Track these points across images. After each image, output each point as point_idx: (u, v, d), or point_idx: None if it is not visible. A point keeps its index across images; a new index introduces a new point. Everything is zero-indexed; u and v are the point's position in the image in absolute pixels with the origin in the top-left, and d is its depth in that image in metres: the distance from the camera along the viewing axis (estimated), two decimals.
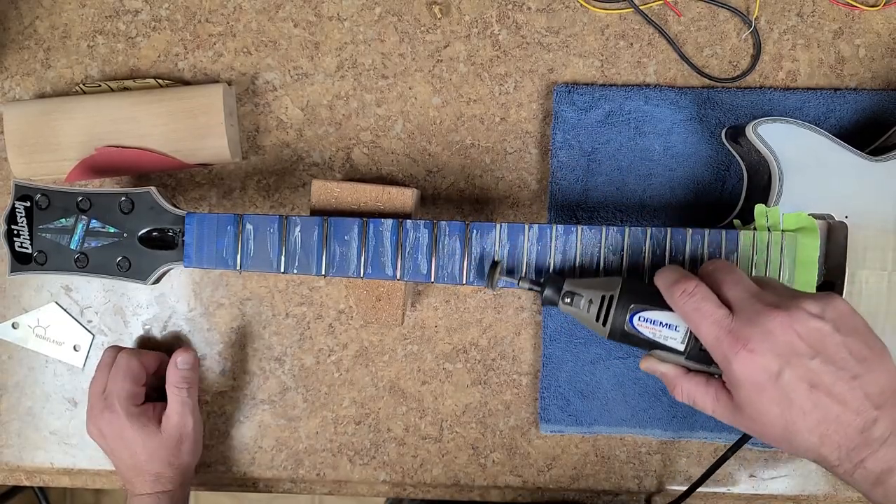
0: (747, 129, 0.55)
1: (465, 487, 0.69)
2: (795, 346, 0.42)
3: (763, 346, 0.42)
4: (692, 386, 0.48)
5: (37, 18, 0.67)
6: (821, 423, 0.42)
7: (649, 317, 0.48)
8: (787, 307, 0.43)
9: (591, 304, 0.49)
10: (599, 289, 0.50)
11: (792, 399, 0.42)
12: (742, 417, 0.45)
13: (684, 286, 0.46)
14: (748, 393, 0.43)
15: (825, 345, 0.42)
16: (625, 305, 0.48)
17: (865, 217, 0.55)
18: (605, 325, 0.49)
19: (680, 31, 0.65)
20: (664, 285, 0.47)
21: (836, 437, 0.42)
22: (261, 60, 0.66)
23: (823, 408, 0.42)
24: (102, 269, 0.56)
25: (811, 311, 0.43)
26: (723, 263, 0.48)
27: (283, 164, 0.67)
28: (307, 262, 0.55)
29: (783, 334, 0.42)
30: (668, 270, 0.48)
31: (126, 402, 0.61)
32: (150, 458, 0.61)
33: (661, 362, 0.49)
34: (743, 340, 0.43)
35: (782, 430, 0.43)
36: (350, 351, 0.68)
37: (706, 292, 0.45)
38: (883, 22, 0.64)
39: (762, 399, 0.43)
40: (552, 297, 0.51)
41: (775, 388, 0.42)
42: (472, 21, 0.65)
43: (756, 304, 0.44)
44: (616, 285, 0.49)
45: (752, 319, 0.43)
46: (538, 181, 0.66)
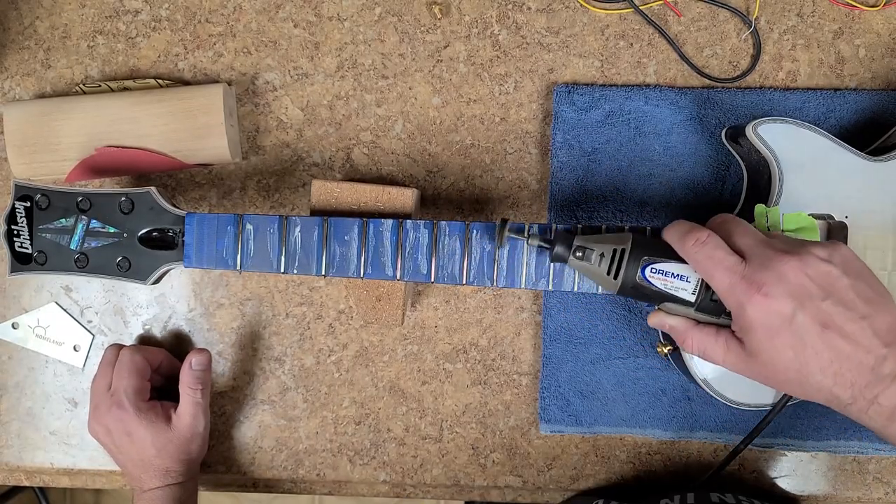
0: (747, 129, 0.55)
1: (465, 487, 0.69)
2: (808, 288, 0.43)
3: (777, 289, 0.43)
4: (702, 336, 0.48)
5: (37, 18, 0.67)
6: (833, 363, 0.43)
7: (661, 268, 0.48)
8: (797, 252, 0.44)
9: (602, 257, 0.49)
10: (610, 243, 0.49)
11: (805, 340, 0.43)
12: (754, 363, 0.46)
13: (696, 235, 0.46)
14: (761, 337, 0.44)
15: (835, 287, 0.43)
16: (636, 258, 0.49)
17: (865, 217, 0.55)
18: (617, 278, 0.49)
19: (680, 31, 0.65)
20: (676, 236, 0.48)
21: (849, 376, 0.43)
22: (261, 60, 0.66)
23: (836, 347, 0.43)
24: (102, 269, 0.56)
25: (820, 256, 0.44)
26: (729, 216, 0.49)
27: (283, 164, 0.67)
28: (307, 262, 0.55)
29: (795, 277, 0.43)
30: (678, 223, 0.49)
31: (134, 397, 0.61)
32: (160, 454, 0.61)
33: (669, 315, 0.50)
34: (757, 285, 0.43)
35: (795, 373, 0.44)
36: (350, 351, 0.68)
37: (718, 240, 0.46)
38: (883, 22, 0.64)
39: (775, 342, 0.44)
40: (563, 253, 0.50)
41: (789, 330, 0.43)
42: (472, 21, 0.65)
43: (767, 250, 0.45)
44: (627, 239, 0.49)
45: (764, 264, 0.44)
46: (538, 181, 0.66)
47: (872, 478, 0.66)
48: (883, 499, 0.67)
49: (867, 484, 0.66)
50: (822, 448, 0.64)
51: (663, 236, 0.49)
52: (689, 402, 0.65)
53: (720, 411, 0.65)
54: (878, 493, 0.66)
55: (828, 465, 0.66)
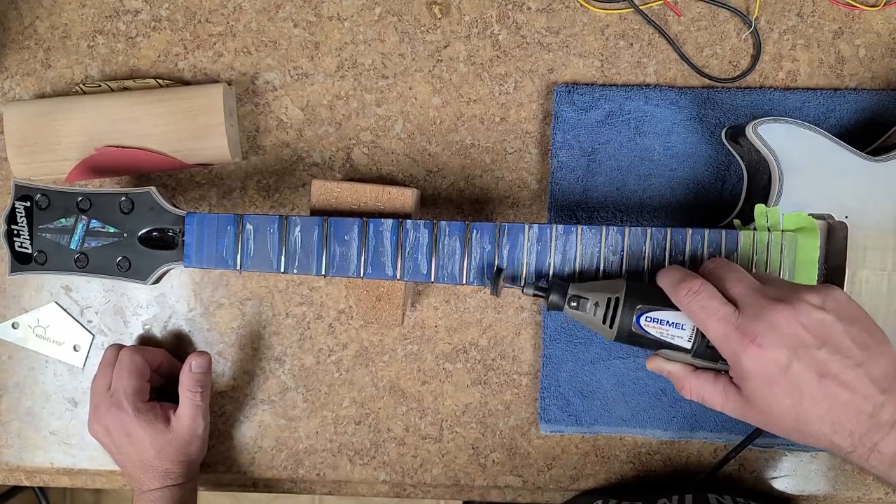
0: (747, 129, 0.55)
1: (465, 487, 0.69)
2: (802, 337, 0.43)
3: (770, 339, 0.43)
4: (700, 383, 0.48)
5: (37, 18, 0.67)
6: (831, 411, 0.43)
7: (656, 316, 0.49)
8: (790, 300, 0.44)
9: (597, 306, 0.50)
10: (604, 291, 0.50)
11: (802, 389, 0.43)
12: (753, 411, 0.46)
13: (689, 285, 0.46)
14: (758, 386, 0.44)
15: (830, 334, 0.43)
16: (631, 306, 0.49)
17: (865, 217, 0.55)
18: (612, 326, 0.49)
19: (680, 31, 0.65)
20: (668, 285, 0.48)
21: (848, 424, 0.43)
22: (261, 60, 0.66)
23: (833, 396, 0.43)
24: (102, 269, 0.56)
25: (813, 303, 0.44)
26: (723, 262, 0.49)
27: (283, 164, 0.67)
28: (307, 262, 0.55)
29: (789, 327, 0.43)
30: (671, 270, 0.49)
31: (134, 398, 0.61)
32: (159, 455, 0.61)
33: (667, 361, 0.50)
34: (751, 335, 0.43)
35: (794, 421, 0.44)
36: (350, 351, 0.68)
37: (711, 290, 0.46)
38: (883, 22, 0.64)
39: (773, 391, 0.44)
40: (558, 302, 0.51)
41: (785, 379, 0.43)
42: (472, 21, 0.65)
43: (760, 299, 0.45)
44: (621, 287, 0.50)
45: (757, 314, 0.44)
46: (538, 181, 0.66)
47: (872, 478, 0.66)
48: (883, 499, 0.67)
49: (867, 484, 0.66)
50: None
51: (657, 282, 0.49)
52: (689, 402, 0.65)
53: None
54: (878, 493, 0.66)
55: (828, 465, 0.66)
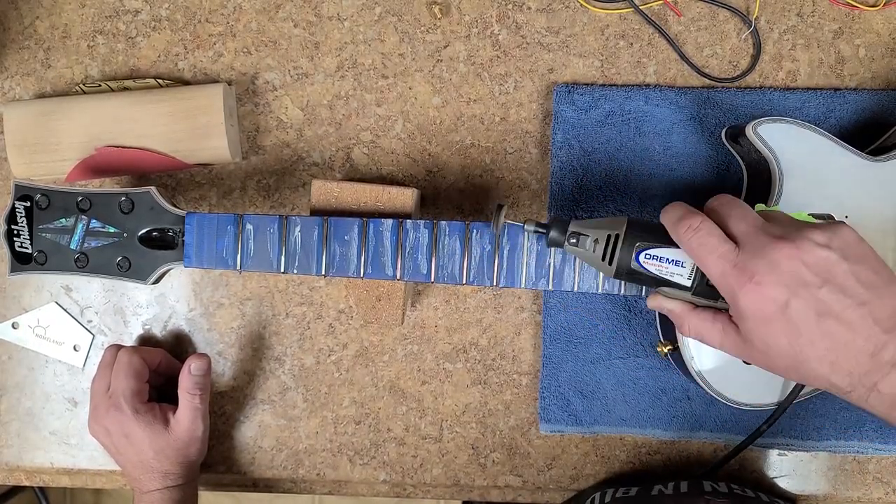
0: (747, 129, 0.55)
1: (465, 487, 0.69)
2: (802, 275, 0.42)
3: (769, 277, 0.42)
4: (699, 321, 0.48)
5: (37, 18, 0.67)
6: (830, 351, 0.42)
7: (655, 253, 0.48)
8: (793, 238, 0.43)
9: (596, 243, 0.49)
10: (605, 228, 0.49)
11: (800, 329, 0.42)
12: (750, 350, 0.45)
13: (689, 222, 0.46)
14: (755, 325, 0.43)
15: (833, 273, 0.42)
16: (630, 243, 0.48)
17: (865, 217, 0.55)
18: (612, 263, 0.49)
19: (680, 31, 0.65)
20: (669, 221, 0.47)
21: (847, 364, 0.42)
22: (261, 60, 0.66)
23: (832, 335, 0.42)
24: (102, 269, 0.56)
25: (818, 241, 0.43)
26: (727, 198, 0.48)
27: (283, 164, 0.67)
28: (307, 262, 0.55)
29: (789, 265, 0.42)
30: (673, 207, 0.48)
31: (132, 399, 0.61)
32: (158, 456, 0.61)
33: (668, 299, 0.49)
34: (749, 273, 0.43)
35: (791, 361, 0.43)
36: (350, 351, 0.68)
37: (711, 227, 0.45)
38: (883, 22, 0.64)
39: (770, 331, 0.43)
40: (558, 238, 0.50)
41: (783, 318, 0.42)
42: (472, 21, 0.65)
43: (762, 237, 0.44)
44: (621, 224, 0.49)
45: (757, 252, 0.43)
46: (538, 181, 0.66)
47: (872, 478, 0.66)
48: (883, 499, 0.67)
49: (867, 484, 0.66)
50: (822, 448, 0.64)
51: (661, 218, 0.48)
52: (689, 402, 0.65)
53: (720, 411, 0.65)
54: (878, 493, 0.66)
55: (828, 465, 0.66)
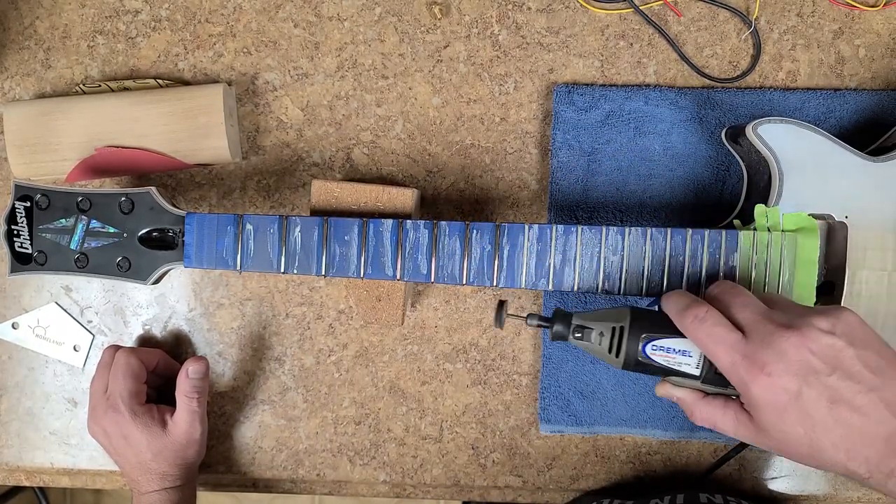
0: (747, 129, 0.55)
1: (465, 487, 0.69)
2: (811, 364, 0.42)
3: (779, 367, 0.42)
4: (710, 409, 0.48)
5: (37, 18, 0.67)
6: (845, 438, 0.42)
7: (662, 344, 0.48)
8: (799, 325, 0.43)
9: (602, 336, 0.49)
10: (608, 320, 0.49)
11: (814, 417, 0.42)
12: (766, 438, 0.45)
13: (695, 312, 0.46)
14: (769, 415, 0.43)
15: (840, 360, 0.42)
16: (636, 335, 0.48)
17: (865, 217, 0.55)
18: (619, 356, 0.49)
19: (680, 31, 0.65)
20: (674, 311, 0.47)
21: (863, 451, 0.42)
22: (261, 60, 0.66)
23: (846, 422, 0.42)
24: (102, 269, 0.56)
25: (822, 328, 0.43)
26: (728, 285, 0.48)
27: (283, 164, 0.67)
28: (307, 262, 0.55)
29: (798, 354, 0.42)
30: (676, 296, 0.48)
31: (130, 400, 0.61)
32: (156, 458, 0.61)
33: (676, 388, 0.49)
34: (759, 364, 0.43)
35: (808, 448, 0.43)
36: (350, 351, 0.68)
37: (717, 317, 0.45)
38: (883, 22, 0.64)
39: (784, 420, 0.43)
40: (562, 332, 0.51)
41: (796, 407, 0.42)
42: (472, 21, 0.65)
43: (767, 325, 0.44)
44: (625, 316, 0.49)
45: (765, 341, 0.43)
46: (538, 181, 0.66)
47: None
48: (883, 499, 0.67)
49: None
50: None
51: (662, 307, 0.49)
52: None
53: None
54: (878, 493, 0.66)
55: None
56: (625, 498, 0.65)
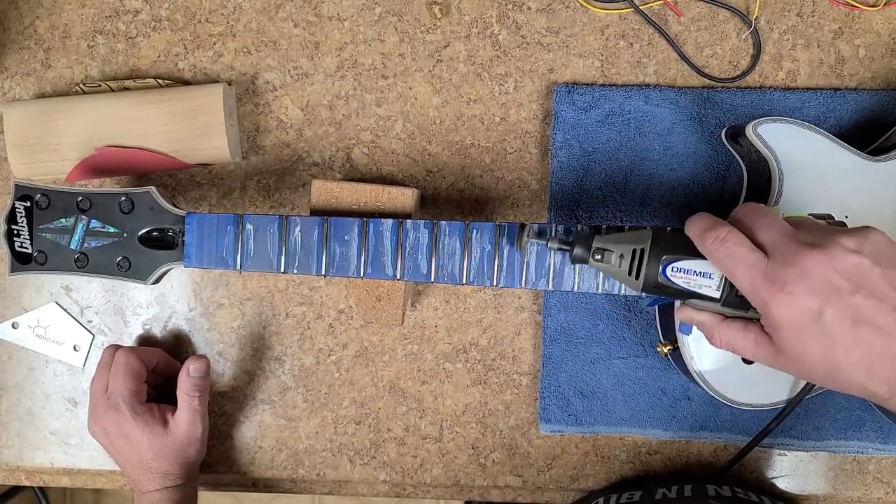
0: (747, 129, 0.55)
1: (465, 487, 0.69)
2: (835, 283, 0.41)
3: (801, 286, 0.41)
4: (730, 332, 0.47)
5: (37, 18, 0.67)
6: (865, 358, 0.41)
7: (682, 266, 0.48)
8: (824, 245, 0.42)
9: (622, 258, 0.49)
10: (629, 242, 0.49)
11: (835, 337, 0.41)
12: (785, 360, 0.44)
13: (716, 233, 0.45)
14: (789, 335, 0.43)
15: (865, 279, 0.41)
16: (657, 257, 0.48)
17: (865, 217, 0.55)
18: (639, 278, 0.48)
19: (680, 31, 0.65)
20: (695, 233, 0.46)
21: (883, 371, 0.41)
22: (261, 60, 0.66)
23: (867, 342, 0.41)
24: (102, 269, 0.56)
25: (848, 247, 0.42)
26: (754, 206, 0.47)
27: (283, 164, 0.67)
28: (307, 262, 0.55)
29: (821, 273, 0.41)
30: (699, 218, 0.47)
31: (130, 400, 0.61)
32: (157, 457, 0.61)
33: (697, 311, 0.49)
34: (780, 283, 0.42)
35: (827, 370, 0.42)
36: (350, 351, 0.68)
37: (739, 237, 0.44)
38: (883, 22, 0.64)
39: (804, 340, 0.42)
40: (582, 255, 0.50)
41: (817, 327, 0.42)
42: (472, 21, 0.65)
43: (791, 245, 0.43)
44: (646, 238, 0.48)
45: (788, 260, 0.42)
46: (538, 181, 0.66)
47: (872, 478, 0.66)
48: (883, 499, 0.67)
49: (867, 484, 0.66)
50: (822, 448, 0.64)
51: (686, 231, 0.48)
52: (689, 402, 0.65)
53: (720, 411, 0.65)
54: (878, 493, 0.66)
55: (828, 465, 0.66)
56: (633, 489, 0.64)
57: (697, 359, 0.55)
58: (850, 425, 0.64)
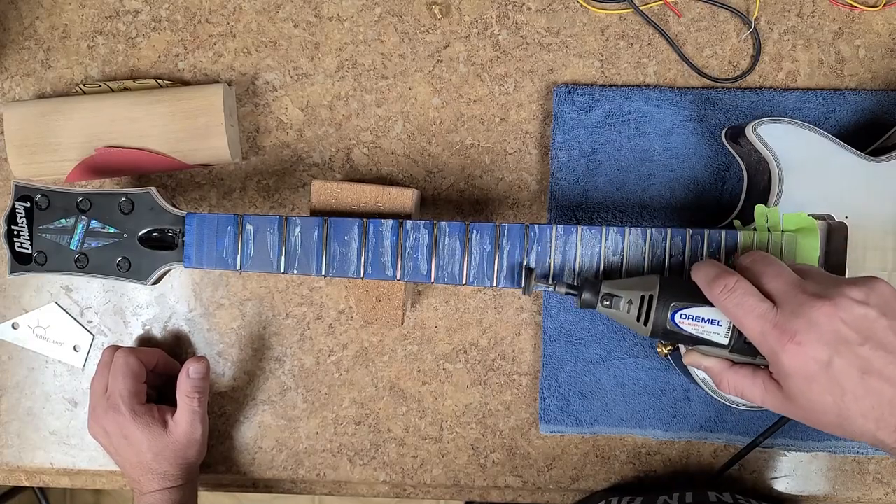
0: (747, 129, 0.55)
1: (465, 488, 0.69)
2: (843, 333, 0.42)
3: (810, 336, 0.42)
4: (738, 378, 0.48)
5: (37, 19, 0.67)
6: (875, 408, 0.42)
7: (691, 313, 0.48)
8: (831, 295, 0.43)
9: (630, 304, 0.49)
10: (638, 289, 0.49)
11: (844, 386, 0.42)
12: (794, 407, 0.45)
13: (724, 282, 0.45)
14: (799, 384, 0.43)
15: (873, 330, 0.42)
16: (665, 303, 0.48)
17: (865, 217, 0.55)
18: (647, 324, 0.49)
19: (680, 31, 0.65)
20: (703, 281, 0.47)
21: (892, 420, 0.42)
22: (261, 61, 0.66)
23: (877, 392, 0.42)
24: (102, 269, 0.56)
25: (855, 298, 0.43)
26: (760, 255, 0.48)
27: (283, 165, 0.67)
28: (307, 262, 0.55)
29: (829, 323, 0.42)
30: (706, 265, 0.48)
31: (130, 400, 0.61)
32: (157, 458, 0.61)
33: (704, 357, 0.49)
34: (790, 333, 0.43)
35: (836, 417, 0.43)
36: (350, 351, 0.68)
37: (747, 287, 0.45)
38: (883, 22, 0.64)
39: (813, 389, 0.43)
40: (591, 300, 0.50)
41: (826, 377, 0.42)
42: (472, 21, 0.65)
43: (799, 295, 0.43)
44: (654, 284, 0.49)
45: (796, 311, 0.43)
46: (538, 181, 0.66)
47: (872, 478, 0.66)
48: (883, 499, 0.67)
49: (867, 484, 0.66)
50: (822, 448, 0.64)
51: (692, 277, 0.48)
52: (689, 402, 0.65)
53: (720, 411, 0.65)
54: (878, 493, 0.66)
55: (828, 465, 0.66)
56: (633, 495, 0.64)
57: None
58: None
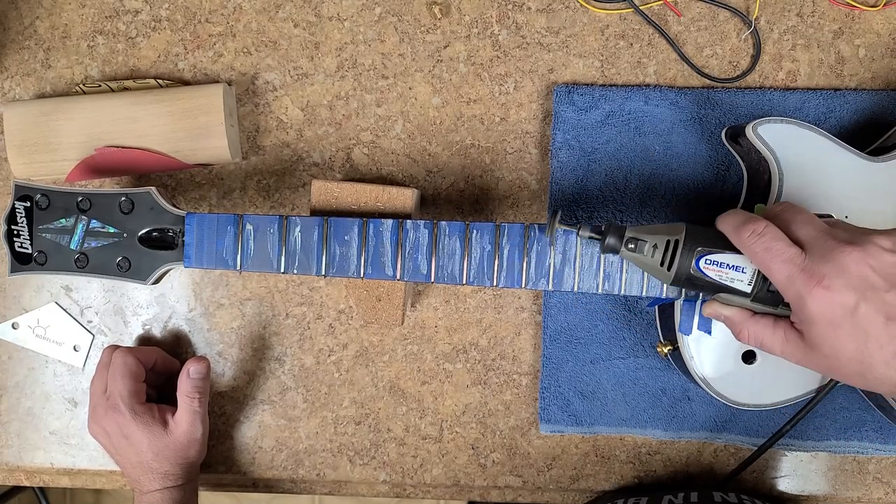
0: (747, 129, 0.55)
1: (465, 487, 0.69)
2: (871, 279, 0.42)
3: (838, 281, 0.42)
4: (759, 328, 0.47)
5: (37, 18, 0.67)
6: None
7: (716, 259, 0.48)
8: (861, 242, 0.43)
9: (655, 248, 0.49)
10: (663, 234, 0.49)
11: (868, 333, 0.42)
12: (815, 355, 0.45)
13: (753, 226, 0.45)
14: (822, 330, 0.43)
15: None
16: (691, 249, 0.48)
17: (865, 217, 0.55)
18: (671, 269, 0.48)
19: (680, 31, 0.65)
20: (731, 227, 0.47)
21: None
22: (261, 60, 0.66)
23: None
24: (102, 269, 0.56)
25: (884, 246, 0.43)
26: (790, 204, 0.48)
27: (283, 165, 0.67)
28: (307, 262, 0.55)
29: (858, 269, 0.42)
30: (734, 214, 0.48)
31: (130, 400, 0.61)
32: (157, 457, 0.61)
33: (725, 306, 0.49)
34: (817, 277, 0.42)
35: (858, 365, 0.43)
36: (350, 351, 0.68)
37: (776, 232, 0.45)
38: (883, 22, 0.64)
39: (837, 335, 0.43)
40: (615, 244, 0.50)
41: (851, 323, 0.42)
42: (472, 21, 0.65)
43: (829, 241, 0.44)
44: (680, 230, 0.49)
45: (825, 256, 0.43)
46: (538, 181, 0.66)
47: (872, 478, 0.66)
48: (883, 499, 0.67)
49: (867, 484, 0.66)
50: (822, 448, 0.64)
51: (717, 225, 0.48)
52: (689, 402, 0.65)
53: (720, 411, 0.65)
54: (878, 493, 0.66)
55: (828, 465, 0.66)
56: (638, 495, 0.64)
57: (697, 359, 0.55)
58: (850, 425, 0.64)
